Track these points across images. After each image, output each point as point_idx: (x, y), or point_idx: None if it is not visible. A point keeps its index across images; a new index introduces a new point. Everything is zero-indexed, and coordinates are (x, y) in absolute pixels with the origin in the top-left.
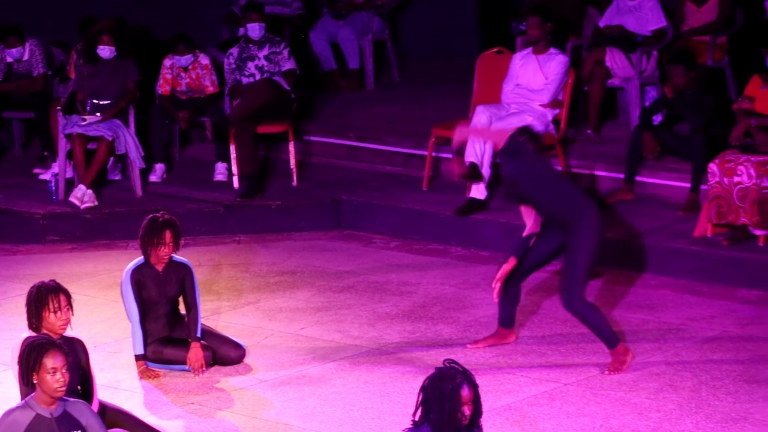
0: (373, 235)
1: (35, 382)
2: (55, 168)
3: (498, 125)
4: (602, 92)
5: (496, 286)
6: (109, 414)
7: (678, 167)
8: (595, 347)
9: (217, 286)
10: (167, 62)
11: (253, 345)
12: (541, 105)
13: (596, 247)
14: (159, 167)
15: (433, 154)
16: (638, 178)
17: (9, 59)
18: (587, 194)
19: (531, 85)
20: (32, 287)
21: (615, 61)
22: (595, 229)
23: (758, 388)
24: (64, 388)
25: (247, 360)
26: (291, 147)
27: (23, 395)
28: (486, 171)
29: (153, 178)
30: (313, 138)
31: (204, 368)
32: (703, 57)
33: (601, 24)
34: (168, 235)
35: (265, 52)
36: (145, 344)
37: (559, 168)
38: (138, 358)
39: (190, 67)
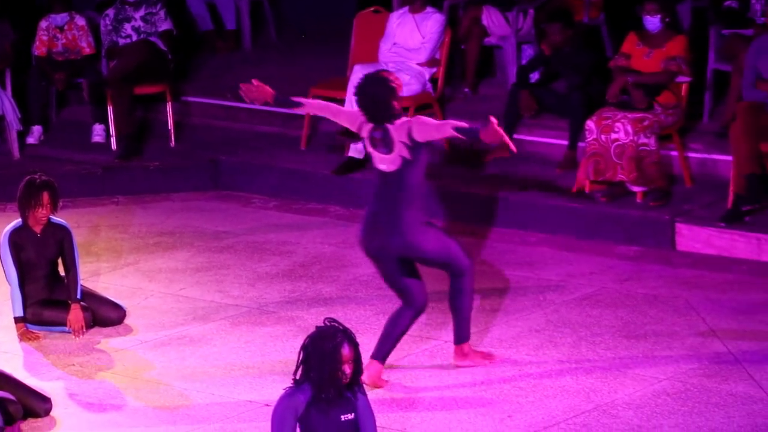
0: (251, 195)
1: None
2: None
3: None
4: (479, 51)
5: None
6: None
7: (555, 125)
8: (474, 304)
9: (96, 247)
10: (43, 23)
11: (133, 306)
12: (418, 64)
13: None
14: (36, 129)
15: (312, 113)
16: (516, 136)
17: None
18: None
19: (408, 44)
20: None
21: (492, 19)
22: None
23: (637, 343)
24: None
25: (127, 321)
26: (168, 108)
27: None
28: None
29: (30, 140)
30: (190, 99)
31: (84, 330)
32: (580, 14)
33: None
34: (45, 196)
35: (142, 12)
36: (25, 306)
37: None
38: (17, 320)
39: (66, 28)
